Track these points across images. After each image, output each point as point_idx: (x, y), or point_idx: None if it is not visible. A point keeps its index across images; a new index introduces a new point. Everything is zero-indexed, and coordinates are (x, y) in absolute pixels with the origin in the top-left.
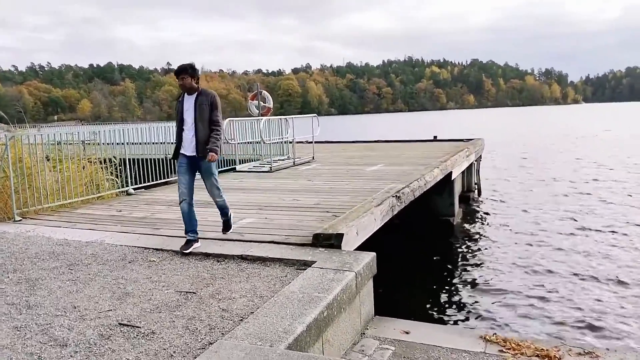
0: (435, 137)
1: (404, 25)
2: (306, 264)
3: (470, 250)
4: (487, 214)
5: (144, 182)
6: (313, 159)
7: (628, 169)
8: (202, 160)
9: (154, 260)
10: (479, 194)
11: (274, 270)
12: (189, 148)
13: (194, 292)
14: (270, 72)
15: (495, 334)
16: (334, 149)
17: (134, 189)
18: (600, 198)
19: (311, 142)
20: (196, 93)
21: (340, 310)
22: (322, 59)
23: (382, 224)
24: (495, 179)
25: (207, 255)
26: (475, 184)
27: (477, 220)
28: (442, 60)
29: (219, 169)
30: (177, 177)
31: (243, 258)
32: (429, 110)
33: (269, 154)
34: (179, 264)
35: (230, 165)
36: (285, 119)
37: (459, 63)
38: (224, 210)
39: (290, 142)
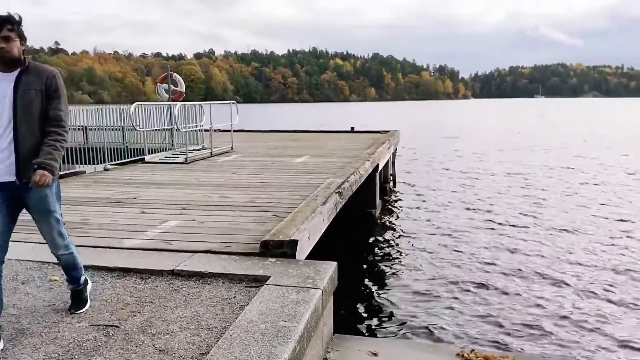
0: (352, 128)
1: (309, 15)
2: (258, 280)
3: (405, 248)
4: (404, 205)
5: None
6: (232, 149)
7: (523, 164)
8: (27, 189)
9: (56, 280)
10: (394, 185)
11: (217, 289)
12: (2, 168)
13: (116, 326)
14: (170, 55)
15: (473, 350)
16: (251, 138)
17: None
18: (501, 188)
19: (227, 131)
20: (19, 69)
21: (309, 339)
22: (226, 45)
23: (328, 224)
24: (405, 170)
25: (126, 271)
26: (391, 175)
27: (397, 212)
28: (345, 53)
29: (123, 160)
30: (82, 167)
31: (175, 274)
32: (333, 102)
33: (181, 142)
34: (91, 284)
35: (138, 155)
36: (200, 104)
37: (361, 56)
38: (73, 272)
39: (207, 131)
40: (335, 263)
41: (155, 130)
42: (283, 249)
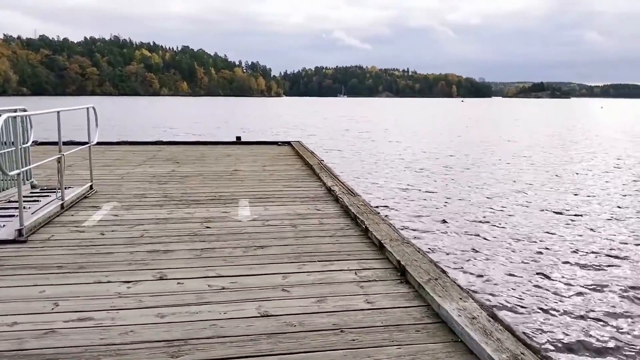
0: (238, 138)
1: (104, 1)
2: None
3: None
4: None
5: None
6: (92, 188)
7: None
8: None
9: None
10: None
11: None
12: None
13: None
14: None
15: None
16: (102, 158)
17: None
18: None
19: (85, 145)
20: None
21: None
22: (5, 29)
23: None
24: None
25: None
26: None
27: None
28: (152, 44)
29: None
30: None
31: None
32: (142, 96)
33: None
34: None
35: None
36: (24, 116)
37: (169, 48)
38: None
39: (61, 157)
40: None
41: None
42: None
